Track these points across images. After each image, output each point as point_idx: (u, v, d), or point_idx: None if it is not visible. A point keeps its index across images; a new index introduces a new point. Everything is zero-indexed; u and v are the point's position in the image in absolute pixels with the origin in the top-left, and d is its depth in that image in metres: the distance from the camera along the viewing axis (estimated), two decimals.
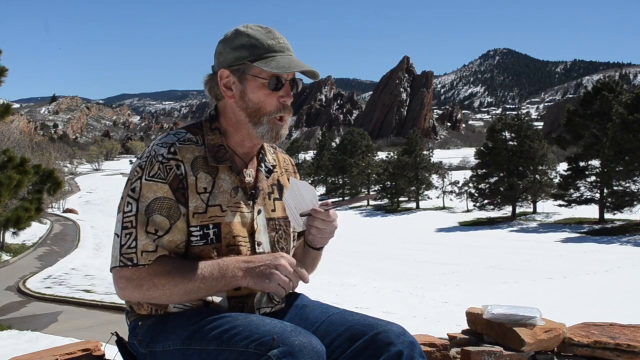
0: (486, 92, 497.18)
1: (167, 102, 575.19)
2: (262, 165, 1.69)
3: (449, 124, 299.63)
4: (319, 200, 1.58)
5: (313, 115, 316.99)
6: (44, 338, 10.85)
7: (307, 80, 1.66)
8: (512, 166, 55.44)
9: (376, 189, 76.49)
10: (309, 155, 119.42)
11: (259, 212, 1.63)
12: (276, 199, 1.70)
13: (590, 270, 25.90)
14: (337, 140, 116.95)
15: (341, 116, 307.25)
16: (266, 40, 1.55)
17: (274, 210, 1.67)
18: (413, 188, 69.68)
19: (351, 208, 73.47)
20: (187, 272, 1.47)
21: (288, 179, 1.79)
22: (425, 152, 71.84)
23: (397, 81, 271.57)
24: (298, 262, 1.52)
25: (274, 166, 1.73)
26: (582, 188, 49.67)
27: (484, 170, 57.71)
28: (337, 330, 1.55)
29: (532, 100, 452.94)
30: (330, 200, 1.59)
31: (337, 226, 1.62)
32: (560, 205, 50.90)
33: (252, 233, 1.60)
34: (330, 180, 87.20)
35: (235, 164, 1.62)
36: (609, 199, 46.83)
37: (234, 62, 1.56)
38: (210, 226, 1.54)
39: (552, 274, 25.14)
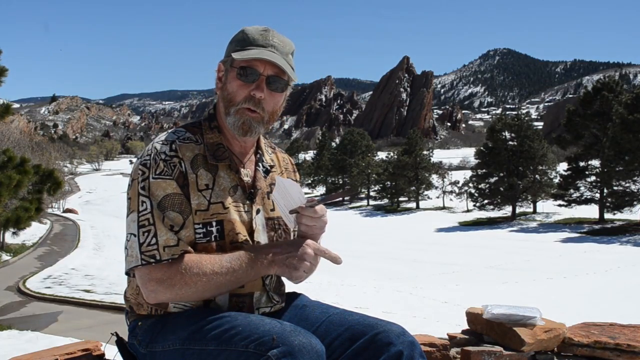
0: (486, 92, 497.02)
1: (167, 102, 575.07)
2: (260, 165, 1.69)
3: (449, 124, 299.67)
4: (307, 197, 1.58)
5: (313, 115, 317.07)
6: (44, 338, 10.86)
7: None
8: (512, 166, 55.44)
9: (376, 189, 76.47)
10: (309, 155, 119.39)
11: (258, 211, 1.63)
12: None
13: (590, 270, 25.88)
14: (337, 140, 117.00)
15: (341, 116, 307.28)
16: (254, 35, 1.56)
17: (272, 210, 1.67)
18: (413, 188, 69.67)
19: (351, 208, 73.44)
20: (217, 267, 1.47)
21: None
22: (425, 152, 71.85)
23: (397, 81, 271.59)
24: (320, 246, 1.55)
25: (271, 166, 1.73)
26: (582, 188, 49.66)
27: (484, 170, 57.72)
28: (337, 330, 1.55)
29: (532, 100, 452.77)
30: (315, 198, 1.57)
31: (327, 221, 1.60)
32: (560, 205, 50.90)
33: (251, 233, 1.59)
34: (330, 180, 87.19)
35: (234, 162, 1.62)
36: (609, 199, 46.84)
37: (226, 55, 1.60)
38: (214, 223, 1.54)
39: (552, 274, 25.13)
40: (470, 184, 60.50)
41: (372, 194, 77.90)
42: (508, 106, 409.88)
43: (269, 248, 1.52)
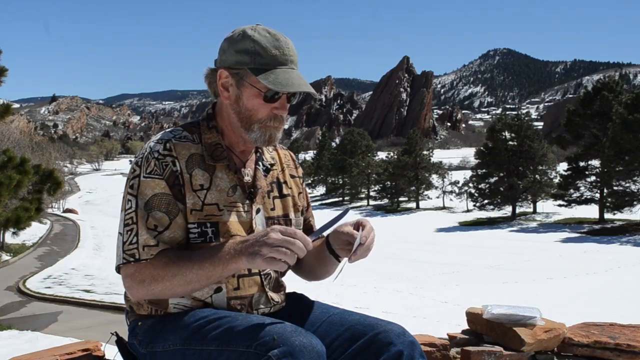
0: (486, 92, 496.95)
1: (167, 102, 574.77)
2: (260, 163, 1.68)
3: (449, 124, 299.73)
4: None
5: (313, 115, 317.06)
6: (44, 338, 10.86)
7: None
8: (512, 166, 55.46)
9: (376, 189, 76.48)
10: (309, 155, 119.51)
11: (258, 211, 1.62)
12: (275, 197, 1.69)
13: (590, 270, 25.90)
14: (337, 140, 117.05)
15: (341, 116, 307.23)
16: (271, 49, 1.50)
17: (273, 209, 1.67)
18: (413, 188, 69.69)
19: (351, 208, 73.20)
20: (183, 261, 1.45)
21: (291, 176, 1.77)
22: (425, 152, 71.86)
23: (397, 81, 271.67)
24: (296, 230, 1.40)
25: (272, 164, 1.72)
26: (582, 188, 49.70)
27: (484, 170, 57.75)
28: (338, 331, 1.55)
29: (532, 100, 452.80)
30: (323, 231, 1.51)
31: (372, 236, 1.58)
32: (560, 205, 50.92)
33: (250, 232, 1.59)
34: (330, 180, 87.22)
35: (233, 162, 1.62)
36: (609, 199, 46.85)
37: (235, 65, 1.53)
38: (208, 224, 1.54)
39: (552, 274, 25.14)
40: (470, 184, 60.53)
41: (372, 194, 77.92)
42: (508, 106, 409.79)
43: (240, 239, 1.45)
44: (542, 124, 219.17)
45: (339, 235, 1.57)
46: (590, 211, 48.94)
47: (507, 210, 55.35)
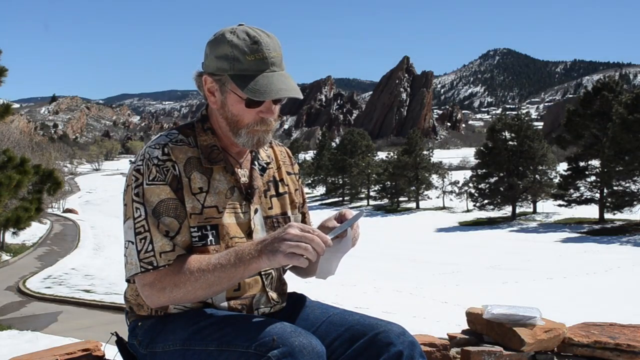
0: (486, 92, 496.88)
1: (167, 102, 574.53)
2: (256, 163, 1.67)
3: (449, 124, 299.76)
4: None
5: (313, 115, 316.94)
6: (44, 338, 10.85)
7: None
8: (512, 166, 55.46)
9: (376, 189, 76.50)
10: (309, 155, 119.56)
11: (256, 211, 1.62)
12: (272, 196, 1.68)
13: (590, 270, 25.89)
14: (337, 140, 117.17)
15: (341, 116, 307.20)
16: (249, 54, 1.47)
17: (270, 208, 1.66)
18: (413, 188, 69.69)
19: (351, 208, 73.37)
20: (204, 265, 1.45)
21: (287, 174, 1.77)
22: (425, 152, 71.87)
23: (397, 81, 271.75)
24: (314, 228, 1.43)
25: (268, 163, 1.71)
26: (582, 188, 49.71)
27: (484, 170, 57.76)
28: (337, 331, 1.55)
29: (532, 100, 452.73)
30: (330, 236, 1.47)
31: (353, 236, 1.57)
32: (560, 205, 50.93)
33: (249, 233, 1.59)
34: (330, 180, 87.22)
35: (230, 163, 1.61)
36: (609, 199, 46.86)
37: (216, 71, 1.52)
38: (209, 227, 1.53)
39: (552, 274, 25.14)
40: (470, 184, 60.55)
41: (372, 194, 77.93)
42: (508, 106, 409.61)
43: (260, 239, 1.46)
44: (542, 124, 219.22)
45: (325, 231, 1.56)
46: (590, 211, 48.94)
47: (507, 210, 55.36)
